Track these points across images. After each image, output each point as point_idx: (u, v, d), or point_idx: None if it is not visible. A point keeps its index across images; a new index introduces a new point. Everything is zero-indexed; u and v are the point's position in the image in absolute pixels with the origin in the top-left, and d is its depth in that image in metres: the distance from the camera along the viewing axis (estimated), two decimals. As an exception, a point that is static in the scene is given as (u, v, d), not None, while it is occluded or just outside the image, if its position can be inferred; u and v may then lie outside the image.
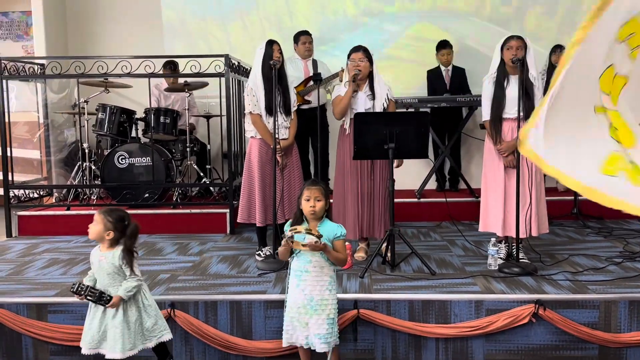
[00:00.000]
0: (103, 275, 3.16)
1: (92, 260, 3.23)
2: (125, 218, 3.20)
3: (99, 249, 3.22)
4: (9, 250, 5.37)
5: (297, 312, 3.18)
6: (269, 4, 7.40)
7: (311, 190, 3.21)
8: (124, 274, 3.15)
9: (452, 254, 4.88)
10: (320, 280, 3.18)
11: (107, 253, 3.17)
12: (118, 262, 3.14)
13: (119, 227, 3.16)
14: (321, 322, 3.15)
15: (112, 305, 3.10)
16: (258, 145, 4.69)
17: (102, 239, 3.17)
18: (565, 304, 3.67)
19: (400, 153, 4.37)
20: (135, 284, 3.14)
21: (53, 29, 7.26)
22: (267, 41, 4.69)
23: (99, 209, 3.23)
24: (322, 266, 3.18)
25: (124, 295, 3.10)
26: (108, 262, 3.15)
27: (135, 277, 3.15)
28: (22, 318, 3.78)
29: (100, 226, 3.14)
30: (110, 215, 3.16)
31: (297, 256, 3.20)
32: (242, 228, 5.92)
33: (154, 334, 3.24)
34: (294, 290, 3.19)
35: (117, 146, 6.26)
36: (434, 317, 3.71)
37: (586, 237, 5.41)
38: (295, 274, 3.21)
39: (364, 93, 4.61)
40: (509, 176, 4.40)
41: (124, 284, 3.12)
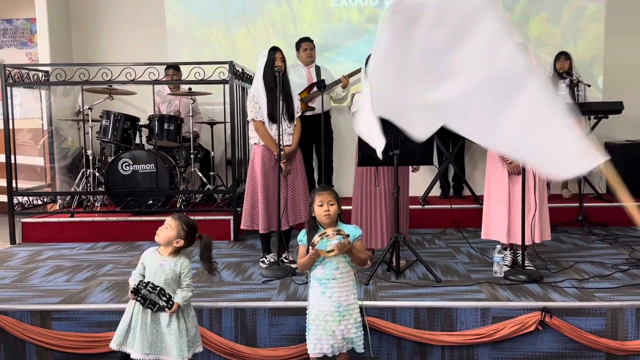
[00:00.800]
0: (159, 280, 3.08)
1: (146, 261, 3.15)
2: (197, 230, 3.19)
3: (157, 252, 3.16)
4: (13, 257, 5.36)
5: (323, 321, 3.14)
6: (273, 11, 7.41)
7: (323, 195, 3.20)
8: (179, 282, 3.12)
9: (457, 261, 4.86)
10: (347, 285, 3.18)
11: (170, 259, 3.12)
12: (179, 269, 3.11)
13: (190, 238, 3.15)
14: (349, 326, 3.16)
15: (172, 312, 3.04)
16: (261, 152, 4.68)
17: (169, 244, 3.12)
18: (571, 311, 3.64)
19: (405, 160, 4.36)
20: (191, 294, 3.13)
21: (57, 36, 7.28)
22: (270, 48, 4.69)
23: (174, 214, 3.19)
24: (348, 271, 3.19)
25: (182, 303, 3.07)
26: (170, 268, 3.10)
27: (190, 288, 3.13)
28: (26, 325, 3.77)
29: (174, 232, 3.11)
30: (186, 223, 3.13)
31: (322, 264, 3.17)
32: (246, 235, 5.91)
33: (193, 345, 3.19)
34: (319, 299, 3.16)
35: (121, 153, 6.26)
36: (440, 325, 3.69)
37: (591, 244, 5.38)
38: (319, 282, 3.17)
39: None
40: (513, 183, 4.38)
41: (182, 293, 3.08)
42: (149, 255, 3.18)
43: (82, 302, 3.91)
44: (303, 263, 3.22)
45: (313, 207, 3.24)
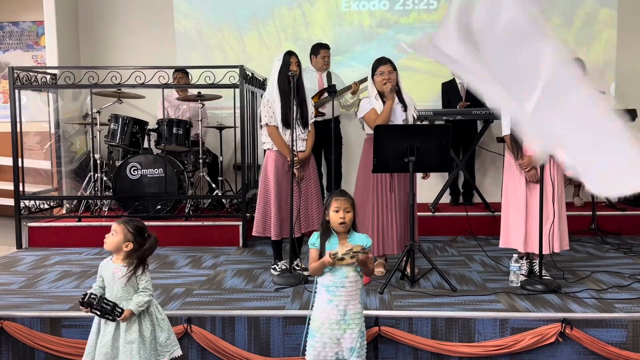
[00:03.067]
0: (117, 288, 3.04)
1: (102, 272, 3.11)
2: (145, 230, 3.12)
3: (111, 261, 3.11)
4: (20, 262, 5.29)
5: (329, 328, 3.08)
6: (285, 15, 7.37)
7: (340, 202, 3.12)
8: (137, 288, 3.06)
9: (471, 270, 4.79)
10: (354, 293, 3.11)
11: (123, 265, 3.06)
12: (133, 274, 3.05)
13: (139, 239, 3.07)
14: (355, 336, 3.08)
15: (122, 319, 2.98)
16: (274, 158, 4.61)
17: (119, 250, 3.06)
18: (592, 323, 3.57)
19: (421, 166, 4.29)
20: (147, 299, 3.05)
21: (65, 39, 7.22)
22: (286, 52, 4.63)
23: (118, 219, 3.13)
24: (357, 280, 3.11)
25: (135, 309, 3.00)
26: (123, 274, 3.05)
27: (147, 292, 3.06)
28: (35, 332, 3.70)
29: (120, 237, 3.04)
30: (131, 226, 3.06)
31: (332, 272, 3.10)
32: (255, 241, 5.84)
33: (167, 349, 3.13)
34: (326, 307, 3.09)
35: (129, 157, 6.20)
36: (457, 336, 3.62)
37: (606, 254, 5.31)
38: (328, 289, 3.10)
39: (397, 104, 4.55)
40: (531, 191, 4.32)
41: (136, 298, 3.02)
42: (104, 265, 3.13)
43: (92, 309, 3.84)
44: (315, 268, 3.14)
45: (328, 211, 3.16)
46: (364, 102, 4.67)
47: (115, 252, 3.09)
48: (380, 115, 4.51)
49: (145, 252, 3.09)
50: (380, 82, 4.52)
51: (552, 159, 4.24)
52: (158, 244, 3.15)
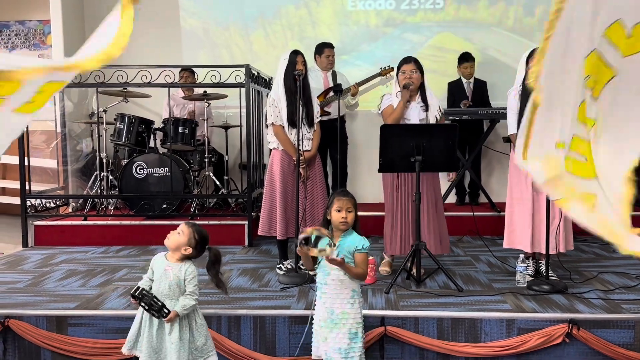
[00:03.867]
0: (164, 285, 3.04)
1: (154, 266, 3.12)
2: (208, 240, 3.14)
3: (164, 257, 3.12)
4: (26, 260, 5.30)
5: (318, 326, 3.12)
6: (291, 13, 7.37)
7: (343, 201, 3.11)
8: (183, 289, 3.06)
9: (477, 270, 4.78)
10: (341, 293, 3.06)
11: (175, 264, 3.07)
12: (184, 275, 3.05)
13: (199, 248, 3.09)
14: (342, 336, 3.04)
15: (168, 320, 2.98)
16: (280, 157, 4.61)
17: (178, 250, 3.07)
18: (599, 323, 3.56)
19: (428, 166, 4.28)
20: (193, 303, 3.05)
21: (71, 38, 7.23)
22: (292, 51, 4.62)
23: (188, 221, 3.14)
24: (342, 280, 3.06)
25: (181, 312, 3.00)
26: (174, 273, 3.05)
27: (193, 296, 3.06)
28: (41, 331, 3.70)
29: (185, 239, 3.05)
30: (198, 233, 3.08)
31: (319, 268, 3.12)
32: (260, 240, 5.84)
33: (202, 355, 3.13)
34: (318, 303, 3.14)
35: (135, 156, 6.20)
36: (464, 336, 3.61)
37: (612, 254, 5.29)
38: (318, 287, 3.14)
39: (417, 104, 4.55)
40: (537, 191, 4.31)
41: (182, 301, 3.02)
42: (157, 259, 3.15)
43: (99, 308, 3.85)
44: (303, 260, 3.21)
45: (330, 210, 3.15)
46: (385, 97, 4.68)
47: (173, 251, 3.09)
48: (393, 112, 4.51)
49: (216, 267, 3.13)
50: (402, 80, 4.52)
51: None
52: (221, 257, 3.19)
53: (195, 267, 3.11)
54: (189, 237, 3.06)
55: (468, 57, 6.81)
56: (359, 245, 3.10)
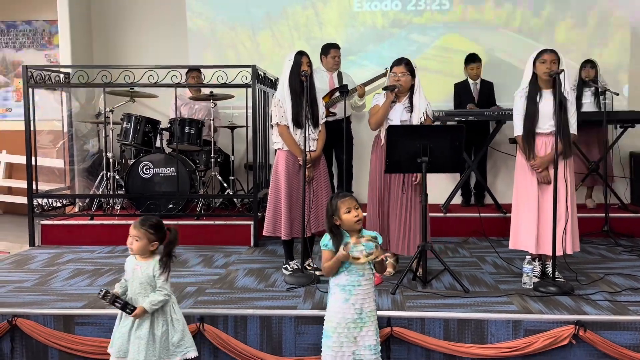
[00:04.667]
0: (135, 284, 3.11)
1: (126, 267, 3.19)
2: (162, 224, 3.17)
3: (134, 257, 3.16)
4: (33, 259, 5.32)
5: (345, 328, 3.09)
6: (298, 14, 7.38)
7: (348, 201, 3.14)
8: (155, 285, 3.09)
9: (483, 271, 4.77)
10: (370, 291, 3.14)
11: (142, 262, 3.12)
12: (152, 272, 3.09)
13: (161, 235, 3.12)
14: (371, 333, 3.11)
15: (134, 316, 3.04)
16: (285, 157, 4.61)
17: (146, 252, 3.11)
18: (606, 325, 3.55)
19: (434, 167, 4.28)
20: (162, 298, 3.08)
21: (78, 38, 7.25)
22: (297, 52, 4.63)
23: (134, 223, 3.15)
24: (371, 277, 3.14)
25: (148, 307, 3.05)
26: (142, 271, 3.10)
27: (163, 292, 3.09)
28: (49, 330, 3.72)
29: (144, 240, 3.09)
30: (150, 226, 3.10)
31: (348, 271, 3.10)
32: (266, 240, 5.84)
33: (180, 350, 3.17)
34: (342, 306, 3.10)
35: (141, 156, 6.22)
36: (470, 337, 3.61)
37: (619, 256, 5.28)
38: (344, 289, 3.11)
39: (402, 105, 4.55)
40: (543, 192, 4.31)
41: (150, 297, 3.07)
42: (128, 260, 3.21)
43: (105, 307, 3.84)
44: (330, 267, 3.14)
45: (338, 214, 3.15)
46: (375, 97, 4.70)
47: (144, 254, 3.13)
48: (376, 112, 4.55)
49: (169, 247, 3.13)
50: (391, 82, 4.55)
51: (564, 160, 4.23)
52: (178, 236, 3.20)
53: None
54: (146, 236, 3.09)
55: (475, 58, 6.80)
56: (379, 241, 3.14)
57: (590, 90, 6.53)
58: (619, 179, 6.98)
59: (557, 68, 4.19)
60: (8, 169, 8.26)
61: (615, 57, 7.20)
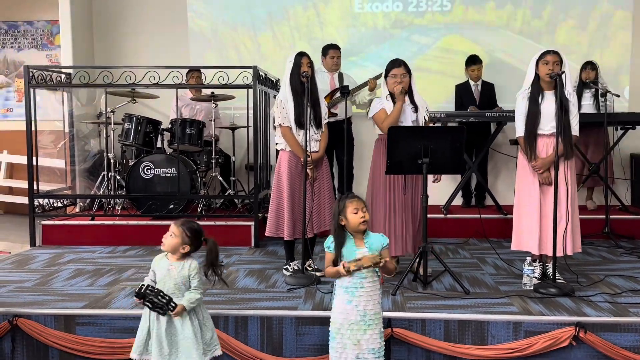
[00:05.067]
0: (169, 284, 3.08)
1: (156, 267, 3.15)
2: (202, 233, 3.16)
3: (166, 258, 3.15)
4: (34, 259, 5.33)
5: (348, 330, 3.08)
6: (299, 15, 7.39)
7: (356, 202, 3.13)
8: (189, 285, 3.11)
9: (483, 272, 4.78)
10: (374, 294, 3.11)
11: (177, 263, 3.11)
12: (188, 272, 3.09)
13: (196, 242, 3.13)
14: (375, 336, 3.09)
15: (175, 314, 3.01)
16: (287, 158, 4.62)
17: (176, 251, 3.11)
18: (606, 327, 3.55)
19: (435, 168, 4.29)
20: (199, 296, 3.10)
21: (80, 38, 7.26)
22: (297, 53, 4.63)
23: (176, 221, 3.15)
24: (375, 280, 3.12)
25: (187, 305, 3.04)
26: (178, 272, 3.09)
27: (199, 290, 3.11)
28: (49, 330, 3.72)
29: (178, 239, 3.09)
30: (189, 229, 3.11)
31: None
32: (267, 241, 5.85)
33: (210, 348, 3.17)
34: (345, 308, 3.10)
35: (142, 156, 6.23)
36: (470, 338, 3.61)
37: (620, 258, 5.28)
38: (347, 290, 3.11)
39: (407, 106, 4.56)
40: (544, 193, 4.31)
41: (188, 295, 3.07)
42: (158, 260, 3.18)
43: (106, 307, 3.87)
44: (330, 274, 3.16)
45: (345, 214, 3.15)
46: (375, 102, 4.69)
47: (172, 253, 3.13)
48: (389, 116, 4.52)
49: (210, 257, 3.14)
50: (392, 84, 4.53)
51: (565, 161, 4.23)
52: (218, 247, 3.21)
53: (197, 263, 3.14)
54: (181, 236, 3.09)
55: (475, 60, 6.81)
56: (384, 242, 3.16)
57: (590, 92, 6.53)
58: (620, 180, 6.98)
59: (560, 69, 4.19)
60: (9, 169, 8.27)
61: (616, 58, 7.20)
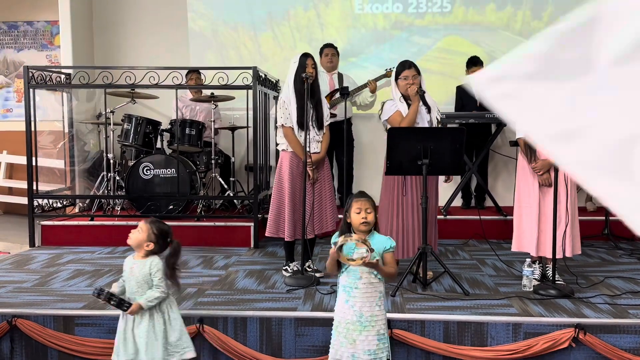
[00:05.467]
0: (132, 282, 3.11)
1: (124, 266, 3.20)
2: (169, 234, 3.17)
3: (132, 257, 3.19)
4: (33, 260, 5.32)
5: (345, 328, 3.08)
6: (300, 15, 7.39)
7: (361, 202, 3.11)
8: (151, 284, 3.10)
9: (483, 274, 4.77)
10: (370, 296, 3.07)
11: (139, 261, 3.13)
12: (148, 269, 3.09)
13: (161, 242, 3.13)
14: (371, 338, 3.06)
15: (130, 312, 3.03)
16: (289, 159, 4.61)
17: (140, 247, 3.12)
18: (606, 328, 3.55)
19: (435, 169, 4.28)
20: (158, 294, 3.08)
21: (80, 39, 7.26)
22: (302, 54, 4.63)
23: (147, 218, 3.19)
24: (372, 282, 3.08)
25: (145, 304, 3.04)
26: (139, 270, 3.11)
27: (159, 288, 3.09)
28: (49, 330, 3.72)
29: (144, 235, 3.10)
30: (157, 228, 3.12)
31: (347, 271, 3.09)
32: (266, 242, 5.84)
33: (177, 350, 3.14)
34: (343, 306, 3.09)
35: (142, 157, 6.22)
36: (470, 340, 3.61)
37: (619, 259, 5.28)
38: (344, 289, 3.10)
39: (421, 106, 4.56)
40: (544, 195, 4.31)
41: (147, 293, 3.07)
42: (126, 260, 3.22)
43: (105, 308, 3.84)
44: (327, 263, 3.16)
45: (349, 212, 3.15)
46: (388, 104, 4.66)
47: (137, 248, 3.15)
48: (406, 117, 4.50)
49: (172, 260, 3.14)
50: (404, 86, 4.52)
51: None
52: (181, 250, 3.20)
53: (159, 261, 3.13)
54: (147, 233, 3.11)
55: (476, 62, 6.79)
56: (387, 245, 3.12)
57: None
58: (620, 182, 6.97)
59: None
60: (8, 170, 8.26)
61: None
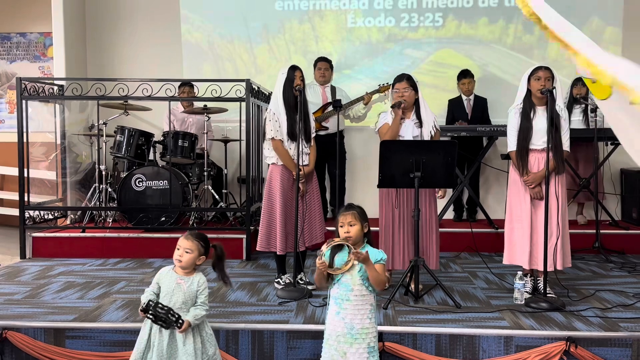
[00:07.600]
0: (177, 298, 3.05)
1: (162, 280, 3.11)
2: (208, 239, 3.19)
3: (173, 271, 3.13)
4: (24, 272, 5.30)
5: (335, 341, 3.07)
6: (295, 28, 7.44)
7: (344, 216, 3.12)
8: (195, 301, 3.09)
9: (475, 287, 4.78)
10: (362, 308, 3.07)
11: (186, 278, 3.10)
12: (196, 287, 3.08)
13: (207, 250, 3.14)
14: (362, 351, 3.05)
15: (182, 330, 2.98)
16: (280, 172, 4.61)
17: (193, 265, 3.11)
18: (597, 341, 3.56)
19: (427, 182, 4.30)
20: (205, 313, 3.08)
21: (73, 50, 7.27)
22: (290, 67, 4.64)
23: (185, 235, 3.13)
24: (364, 294, 3.08)
25: (192, 321, 3.01)
26: (187, 287, 3.08)
27: (204, 306, 3.09)
28: (39, 343, 3.69)
29: (195, 253, 3.09)
30: (202, 240, 3.13)
31: (338, 284, 3.10)
32: (258, 254, 5.83)
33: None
34: (334, 318, 3.09)
35: (134, 169, 6.22)
36: (462, 353, 3.61)
37: (610, 272, 5.30)
38: (335, 301, 3.10)
39: (411, 121, 4.59)
40: (535, 207, 4.33)
41: (194, 311, 3.04)
42: (164, 274, 3.14)
43: (97, 320, 3.84)
44: (315, 277, 3.17)
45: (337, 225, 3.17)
46: (382, 115, 4.72)
47: (189, 267, 3.12)
48: (388, 130, 4.54)
49: (221, 264, 3.19)
50: (395, 99, 4.57)
51: (556, 176, 4.26)
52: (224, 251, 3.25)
53: (205, 279, 3.14)
54: (197, 249, 3.10)
55: (467, 74, 6.85)
56: (378, 257, 3.11)
57: (580, 108, 6.58)
58: (610, 195, 7.02)
59: (552, 85, 4.23)
60: (0, 181, 8.23)
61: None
